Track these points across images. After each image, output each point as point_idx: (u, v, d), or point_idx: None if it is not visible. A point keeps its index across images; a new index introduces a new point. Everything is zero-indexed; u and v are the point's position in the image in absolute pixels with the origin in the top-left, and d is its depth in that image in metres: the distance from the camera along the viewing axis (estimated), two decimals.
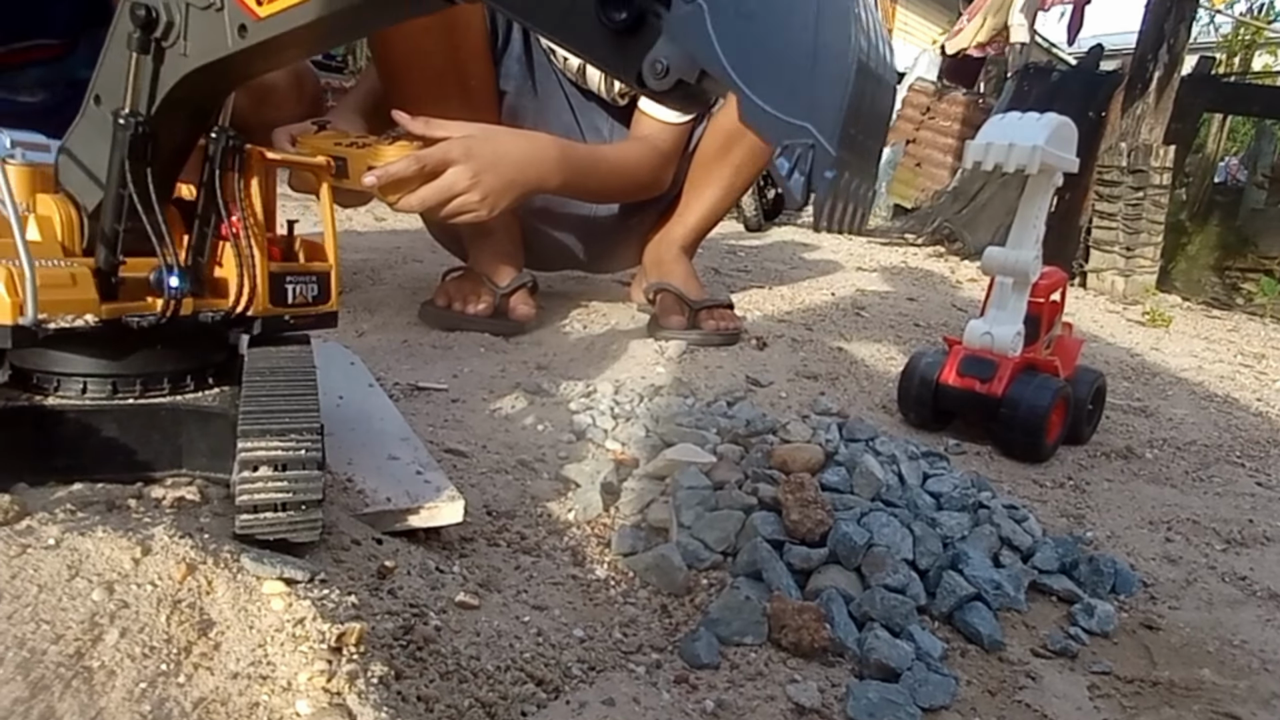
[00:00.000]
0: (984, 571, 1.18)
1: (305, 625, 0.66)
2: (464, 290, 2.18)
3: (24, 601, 0.61)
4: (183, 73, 0.80)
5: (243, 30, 0.78)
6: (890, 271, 4.63)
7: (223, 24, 0.78)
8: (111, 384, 0.86)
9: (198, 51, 0.80)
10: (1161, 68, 4.89)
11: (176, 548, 0.69)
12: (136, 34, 0.78)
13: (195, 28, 0.79)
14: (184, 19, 0.78)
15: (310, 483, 0.79)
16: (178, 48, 0.80)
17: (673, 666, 0.93)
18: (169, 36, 0.79)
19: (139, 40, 0.78)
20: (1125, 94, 5.12)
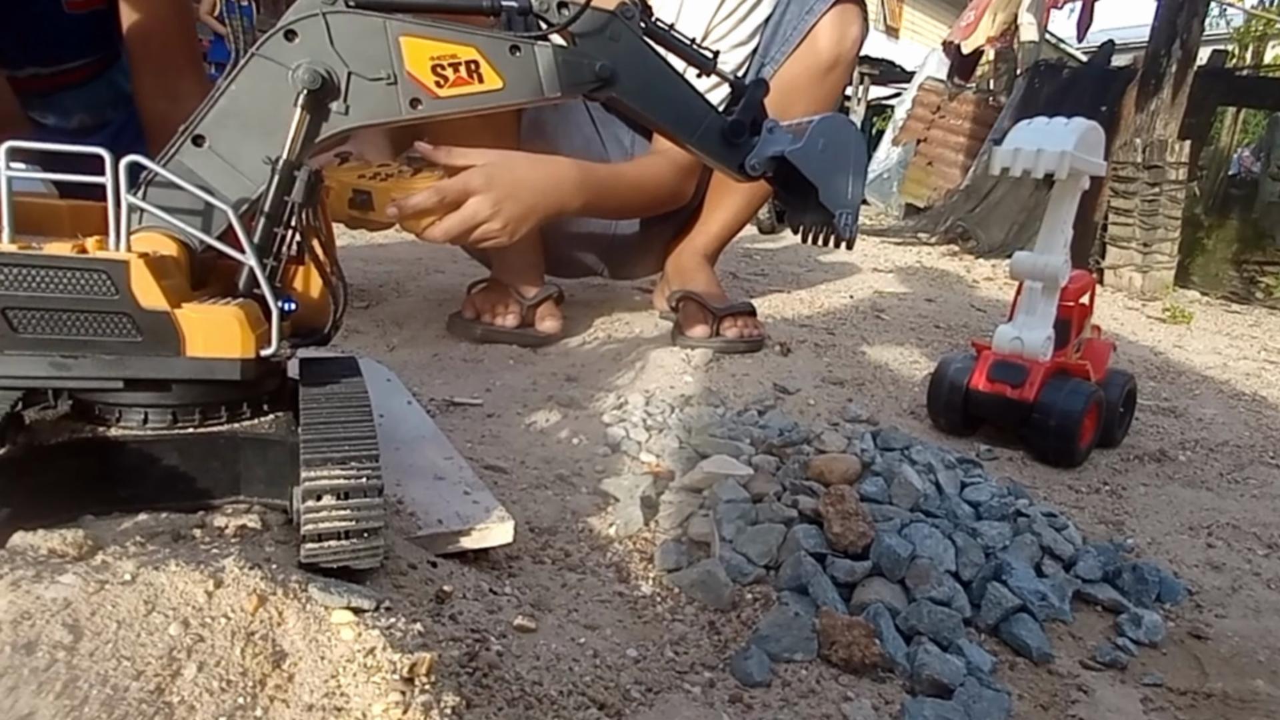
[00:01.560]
0: (1028, 582, 1.18)
1: (376, 655, 0.67)
2: (491, 302, 2.19)
3: (104, 638, 0.62)
4: (339, 128, 0.87)
5: (415, 103, 0.88)
6: (906, 272, 4.63)
7: (395, 96, 0.87)
8: (172, 413, 0.86)
9: (361, 113, 0.87)
10: (1175, 63, 4.88)
11: (247, 579, 0.69)
12: (305, 93, 0.83)
13: (360, 92, 0.86)
14: (347, 83, 0.85)
15: (372, 510, 0.79)
16: (338, 106, 0.86)
17: (726, 685, 0.94)
18: (333, 96, 0.86)
19: (308, 99, 0.83)
20: (1139, 90, 5.12)
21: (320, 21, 0.84)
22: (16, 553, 0.68)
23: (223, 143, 0.84)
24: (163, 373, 0.81)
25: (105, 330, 0.78)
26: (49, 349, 0.78)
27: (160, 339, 0.79)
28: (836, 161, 1.18)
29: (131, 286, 0.77)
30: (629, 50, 1.02)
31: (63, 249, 0.77)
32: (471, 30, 0.91)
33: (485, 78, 0.91)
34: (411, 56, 0.87)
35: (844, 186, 1.20)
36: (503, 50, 0.92)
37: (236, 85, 0.84)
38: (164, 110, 1.99)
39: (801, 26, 2.14)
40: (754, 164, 1.15)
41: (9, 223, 0.77)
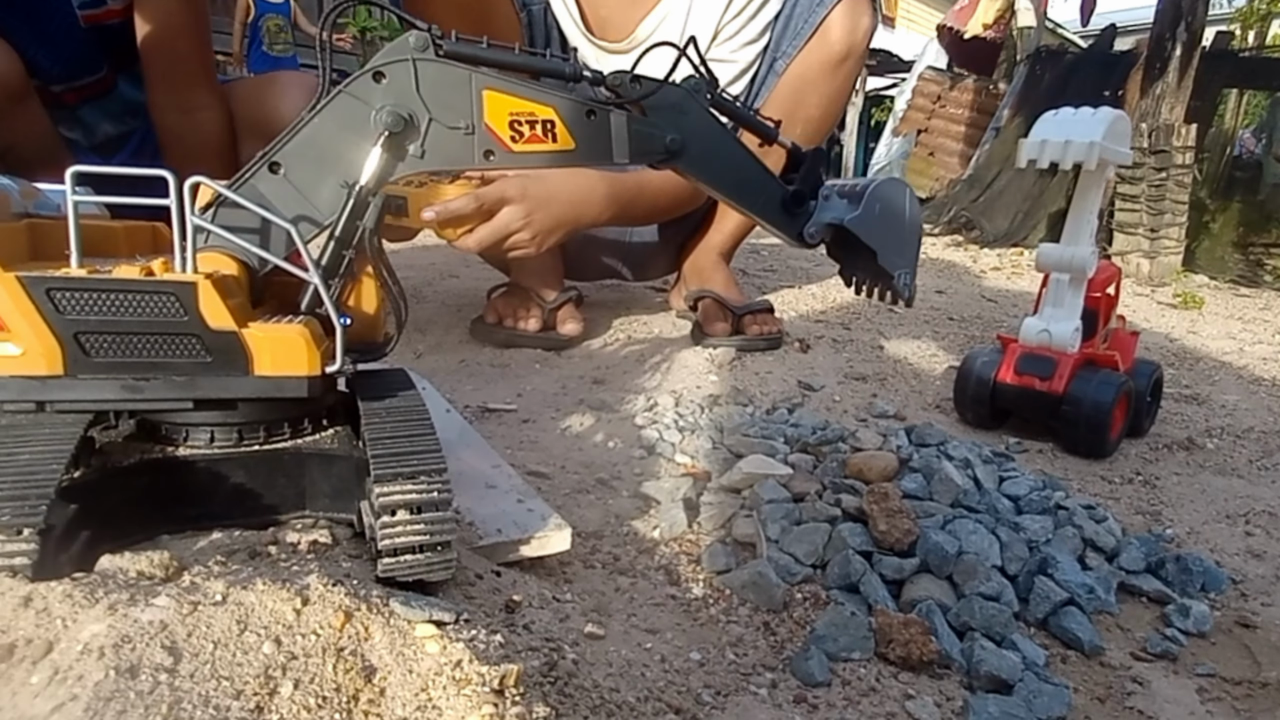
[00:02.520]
0: (1075, 575, 1.19)
1: (463, 668, 0.68)
2: (513, 307, 2.21)
3: (202, 659, 0.63)
4: (413, 170, 0.89)
5: (489, 154, 0.91)
6: None
7: (471, 145, 0.90)
8: (237, 432, 0.87)
9: (436, 159, 0.90)
10: (1180, 46, 4.89)
11: (332, 596, 0.70)
12: (386, 134, 0.85)
13: (438, 138, 0.88)
14: (427, 129, 0.88)
15: (445, 523, 0.81)
16: (415, 149, 0.88)
17: (789, 686, 0.95)
18: (411, 139, 0.88)
19: (389, 139, 0.86)
20: (1144, 74, 5.13)
21: (409, 67, 0.86)
22: (107, 576, 0.69)
23: (298, 172, 0.85)
24: (232, 392, 0.82)
25: (175, 351, 0.79)
26: (121, 372, 0.79)
27: (229, 359, 0.80)
28: (893, 225, 1.19)
29: (200, 308, 0.78)
30: (698, 124, 1.04)
31: (131, 272, 0.78)
32: (552, 91, 0.94)
33: (559, 138, 0.94)
34: (491, 110, 0.90)
35: (901, 248, 1.21)
36: (580, 114, 0.95)
37: (320, 119, 0.85)
38: (176, 122, 2.00)
39: (812, 20, 2.15)
40: (812, 231, 1.17)
41: (77, 247, 0.78)
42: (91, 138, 2.13)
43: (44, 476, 0.71)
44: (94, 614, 0.63)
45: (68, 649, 0.60)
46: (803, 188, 1.16)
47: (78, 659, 0.60)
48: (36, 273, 0.75)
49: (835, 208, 1.18)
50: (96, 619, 0.62)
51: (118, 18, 1.97)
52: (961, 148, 7.67)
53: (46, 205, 0.94)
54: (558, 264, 2.38)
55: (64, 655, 0.60)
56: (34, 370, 0.76)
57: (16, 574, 0.66)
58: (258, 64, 7.16)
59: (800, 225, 1.17)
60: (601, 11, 2.13)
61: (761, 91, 2.25)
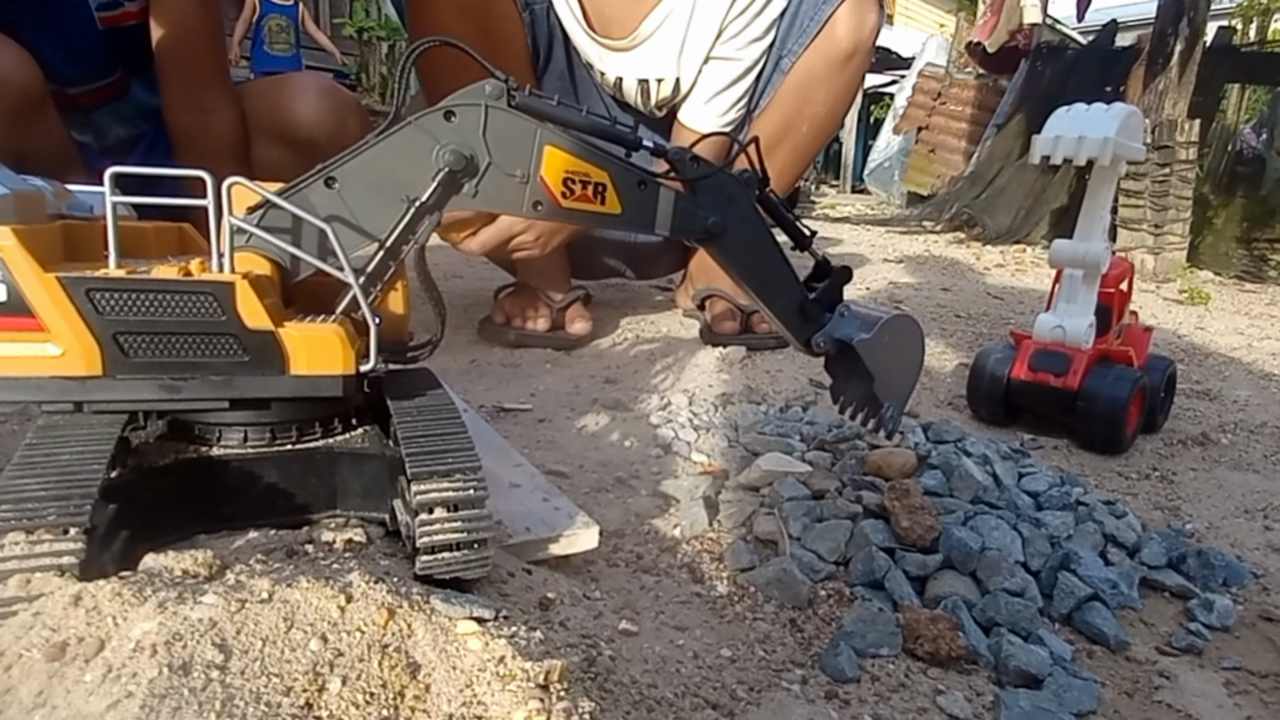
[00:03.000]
0: (1098, 571, 1.20)
1: (507, 664, 0.69)
2: (521, 306, 2.22)
3: (251, 656, 0.63)
4: (465, 206, 0.92)
5: (538, 205, 0.93)
6: (916, 261, 4.65)
7: (522, 193, 0.92)
8: (270, 431, 0.88)
9: (486, 200, 0.92)
10: (1183, 41, 4.91)
11: (374, 594, 0.71)
12: (446, 170, 0.87)
13: (493, 182, 0.91)
14: (484, 171, 0.90)
15: (481, 521, 0.81)
16: (469, 188, 0.90)
17: (819, 682, 0.96)
18: (468, 178, 0.90)
19: (447, 175, 0.88)
20: (1146, 69, 5.15)
21: (480, 111, 0.88)
22: (153, 574, 0.70)
23: (352, 191, 0.86)
24: (269, 391, 0.82)
25: (213, 351, 0.80)
26: (159, 372, 0.79)
27: (266, 358, 0.81)
28: (899, 359, 1.21)
29: (237, 307, 0.79)
30: (742, 214, 1.07)
31: (169, 272, 0.79)
32: (609, 157, 0.96)
33: (608, 201, 0.97)
34: (549, 164, 0.92)
35: (899, 383, 1.23)
36: (631, 182, 0.97)
37: (386, 145, 0.87)
38: (190, 123, 2.01)
39: (819, 17, 2.15)
40: (820, 341, 1.18)
41: (116, 248, 0.79)
42: (103, 141, 2.14)
43: (86, 476, 0.72)
44: (144, 612, 0.64)
45: (119, 647, 0.61)
46: (823, 298, 1.18)
47: (130, 656, 0.60)
48: (76, 273, 0.76)
49: (848, 326, 1.19)
50: (147, 617, 0.63)
51: (134, 19, 1.98)
52: (963, 145, 7.68)
53: (79, 206, 0.94)
54: (564, 264, 2.39)
55: (116, 653, 0.61)
56: (73, 371, 0.77)
57: (64, 573, 0.67)
58: (258, 63, 7.17)
59: (810, 333, 1.18)
60: (604, 9, 2.13)
61: (767, 89, 2.26)
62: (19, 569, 0.66)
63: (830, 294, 1.18)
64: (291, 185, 0.85)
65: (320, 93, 2.18)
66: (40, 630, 0.62)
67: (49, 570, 0.67)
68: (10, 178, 0.79)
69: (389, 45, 8.17)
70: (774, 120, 2.26)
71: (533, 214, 0.94)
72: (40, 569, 0.66)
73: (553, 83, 2.27)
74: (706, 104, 2.20)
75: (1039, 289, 3.98)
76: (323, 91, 2.19)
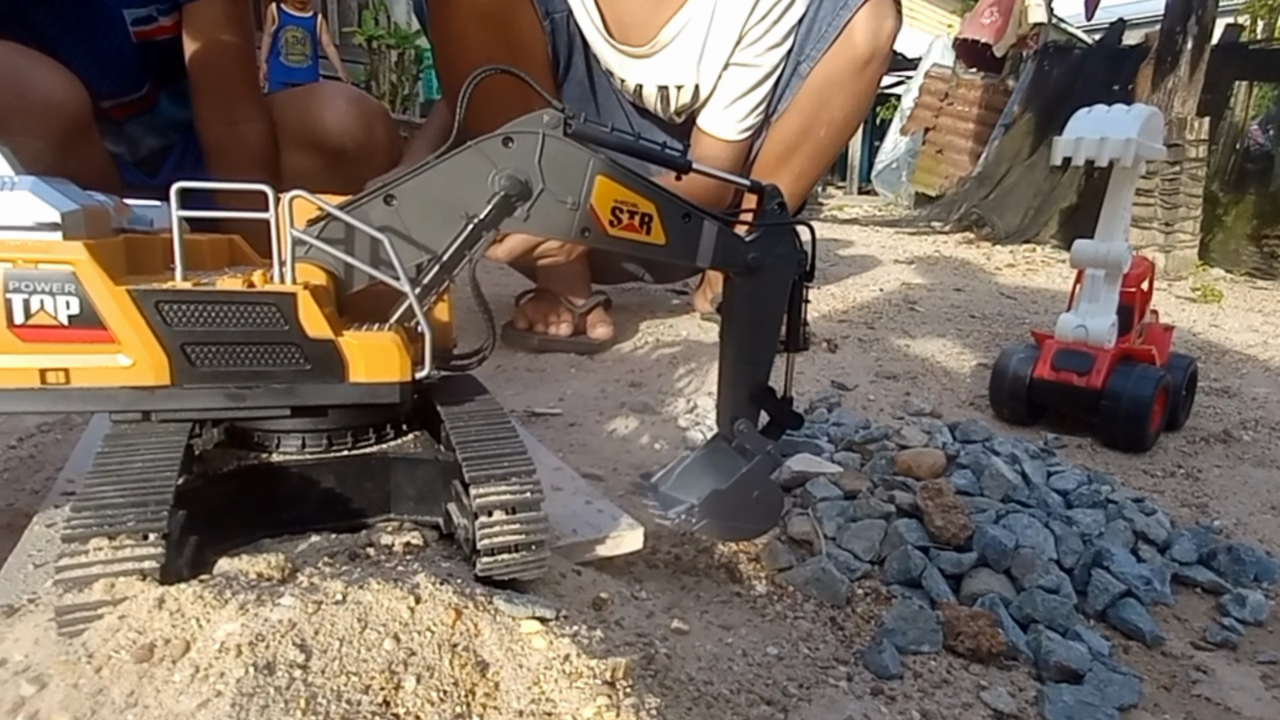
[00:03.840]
0: (1130, 567, 1.21)
1: (572, 661, 0.71)
2: (543, 312, 2.24)
3: (330, 655, 0.65)
4: (516, 229, 0.93)
5: (585, 232, 0.94)
6: (927, 262, 4.67)
7: (571, 219, 0.93)
8: (327, 437, 0.90)
9: (537, 224, 0.93)
10: (1191, 39, 4.91)
11: (441, 595, 0.73)
12: (501, 195, 0.89)
13: (544, 207, 0.92)
14: (537, 197, 0.91)
15: (539, 523, 0.83)
16: (521, 212, 0.91)
17: (863, 679, 0.98)
18: (521, 202, 0.91)
19: (502, 199, 0.89)
20: (1155, 68, 5.15)
21: (537, 139, 0.90)
22: (230, 578, 0.72)
23: (409, 210, 0.88)
24: (330, 399, 0.84)
25: (276, 360, 0.82)
26: (224, 381, 0.81)
27: (327, 366, 0.83)
28: (748, 506, 1.08)
29: (300, 317, 0.81)
30: (782, 269, 1.06)
31: (234, 284, 0.81)
32: (658, 188, 0.97)
33: (653, 231, 0.97)
34: (599, 193, 0.93)
35: (730, 511, 1.07)
36: (677, 214, 0.98)
37: (446, 165, 0.88)
38: (222, 135, 2.05)
39: (836, 23, 2.17)
40: (742, 428, 1.11)
41: (182, 261, 0.81)
42: (135, 152, 2.18)
43: (160, 483, 0.74)
44: (226, 614, 0.66)
45: (205, 648, 0.63)
46: (778, 409, 1.16)
47: (216, 657, 0.62)
48: (144, 286, 0.78)
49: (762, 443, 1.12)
50: (229, 618, 0.65)
51: (169, 33, 2.02)
52: (970, 145, 7.69)
53: (138, 220, 0.96)
54: (585, 269, 2.41)
55: (202, 654, 0.63)
56: (143, 381, 0.79)
57: (146, 577, 0.69)
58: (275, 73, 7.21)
59: (741, 415, 1.12)
60: (624, 17, 2.15)
61: (785, 94, 2.28)
62: (104, 573, 0.68)
63: (782, 416, 1.16)
64: (352, 200, 0.87)
65: (349, 101, 2.21)
66: (127, 632, 0.64)
67: (132, 574, 0.69)
68: (77, 193, 0.81)
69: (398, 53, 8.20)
70: (792, 125, 2.28)
71: (580, 240, 0.95)
72: (124, 573, 0.68)
73: (573, 90, 2.29)
74: (726, 110, 2.22)
75: (1051, 288, 4.00)
76: (351, 100, 2.22)
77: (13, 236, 0.76)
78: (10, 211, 0.76)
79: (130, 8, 1.97)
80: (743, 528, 1.11)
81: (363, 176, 2.25)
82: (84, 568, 0.68)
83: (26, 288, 0.75)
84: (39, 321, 0.76)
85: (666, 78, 2.20)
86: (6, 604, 0.79)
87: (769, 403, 1.13)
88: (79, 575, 0.68)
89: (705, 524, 1.04)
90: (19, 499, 1.18)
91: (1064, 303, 3.57)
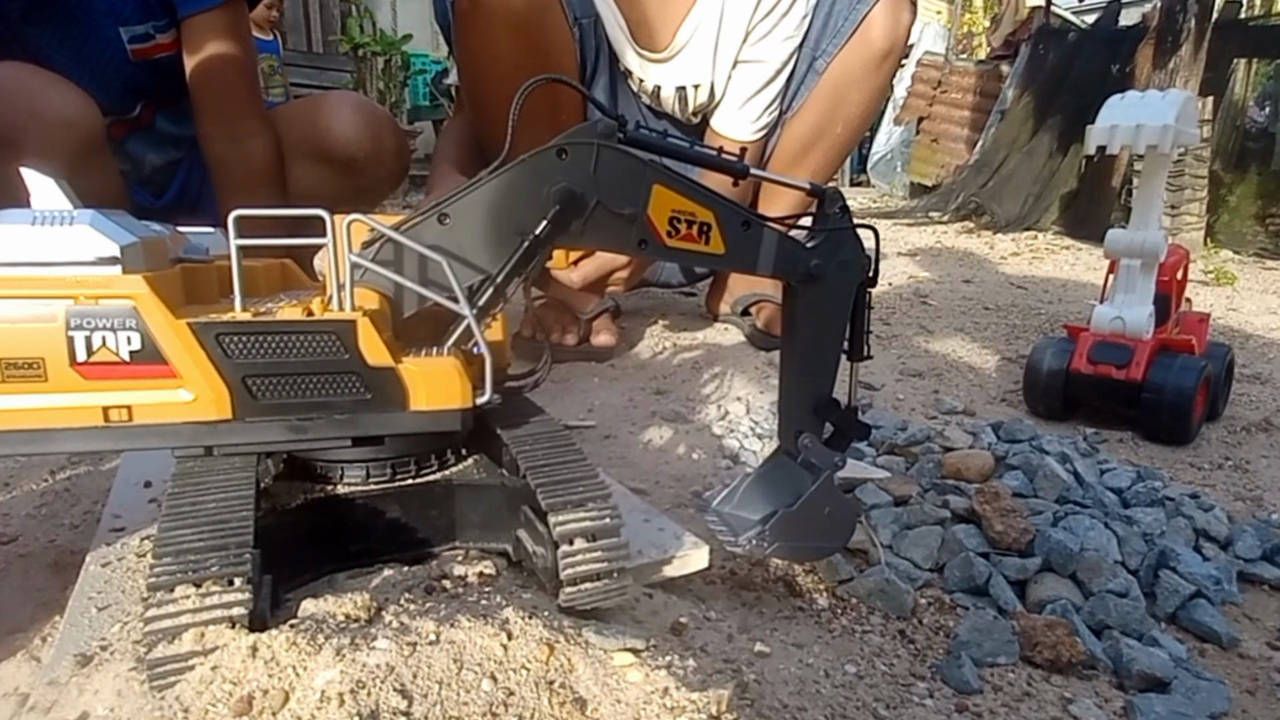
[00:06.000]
0: (1198, 567, 1.20)
1: (672, 695, 0.69)
2: (548, 320, 2.22)
3: (431, 700, 0.63)
4: (573, 244, 0.91)
5: (642, 244, 0.91)
6: (931, 254, 4.66)
7: (629, 232, 0.90)
8: (390, 466, 0.89)
9: (593, 238, 0.90)
10: (1192, 18, 4.90)
11: (532, 630, 0.71)
12: (556, 209, 0.86)
13: (600, 220, 0.89)
14: (592, 209, 0.88)
15: (619, 550, 0.82)
16: (576, 225, 0.88)
17: (944, 695, 0.96)
18: (577, 216, 0.88)
19: (557, 214, 0.86)
20: (1156, 48, 5.14)
21: (593, 150, 0.87)
22: (318, 620, 0.70)
23: (462, 228, 0.86)
24: (392, 428, 0.83)
25: (337, 390, 0.80)
26: (286, 413, 0.80)
27: (388, 395, 0.81)
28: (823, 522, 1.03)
29: (360, 345, 0.79)
30: (844, 275, 1.01)
31: (294, 313, 0.79)
32: (715, 196, 0.93)
33: (711, 241, 0.93)
34: (656, 203, 0.90)
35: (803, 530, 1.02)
36: (736, 222, 0.94)
37: (499, 181, 0.86)
38: (225, 151, 2.03)
39: (853, 17, 2.16)
40: (806, 443, 1.04)
41: (240, 290, 0.79)
42: (140, 171, 2.15)
43: (237, 523, 0.73)
44: (322, 660, 0.64)
45: (305, 698, 0.61)
46: (843, 419, 1.07)
47: (319, 707, 0.60)
48: (204, 319, 0.76)
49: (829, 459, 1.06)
50: (326, 665, 0.63)
51: (167, 51, 1.99)
52: (966, 133, 7.69)
53: (194, 249, 0.94)
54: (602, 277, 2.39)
55: (303, 704, 0.61)
56: (205, 416, 0.77)
57: (235, 624, 0.67)
58: None
59: (806, 429, 1.05)
60: (643, 22, 2.14)
61: (801, 91, 2.26)
62: (194, 623, 0.66)
63: (848, 426, 1.07)
64: (407, 220, 0.85)
65: (356, 110, 2.19)
66: (221, 684, 0.63)
67: (221, 622, 0.67)
68: (134, 225, 0.79)
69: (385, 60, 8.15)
70: (808, 121, 2.27)
71: (637, 252, 0.93)
72: (213, 621, 0.67)
73: (598, 95, 2.27)
74: (739, 110, 2.21)
75: (1060, 276, 3.99)
76: (358, 108, 2.20)
77: (73, 272, 0.74)
78: (69, 246, 0.75)
79: (127, 25, 1.94)
80: (817, 547, 1.05)
81: (372, 186, 2.23)
82: (172, 617, 0.66)
83: (88, 324, 0.74)
84: (101, 359, 0.75)
85: (684, 78, 2.19)
86: (79, 653, 0.77)
87: (833, 413, 1.07)
88: (168, 626, 0.66)
89: (777, 547, 0.99)
90: (59, 534, 1.16)
91: (1075, 291, 3.60)
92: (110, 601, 0.86)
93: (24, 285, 0.74)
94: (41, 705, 0.70)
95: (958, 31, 9.00)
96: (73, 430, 0.76)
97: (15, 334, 0.74)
